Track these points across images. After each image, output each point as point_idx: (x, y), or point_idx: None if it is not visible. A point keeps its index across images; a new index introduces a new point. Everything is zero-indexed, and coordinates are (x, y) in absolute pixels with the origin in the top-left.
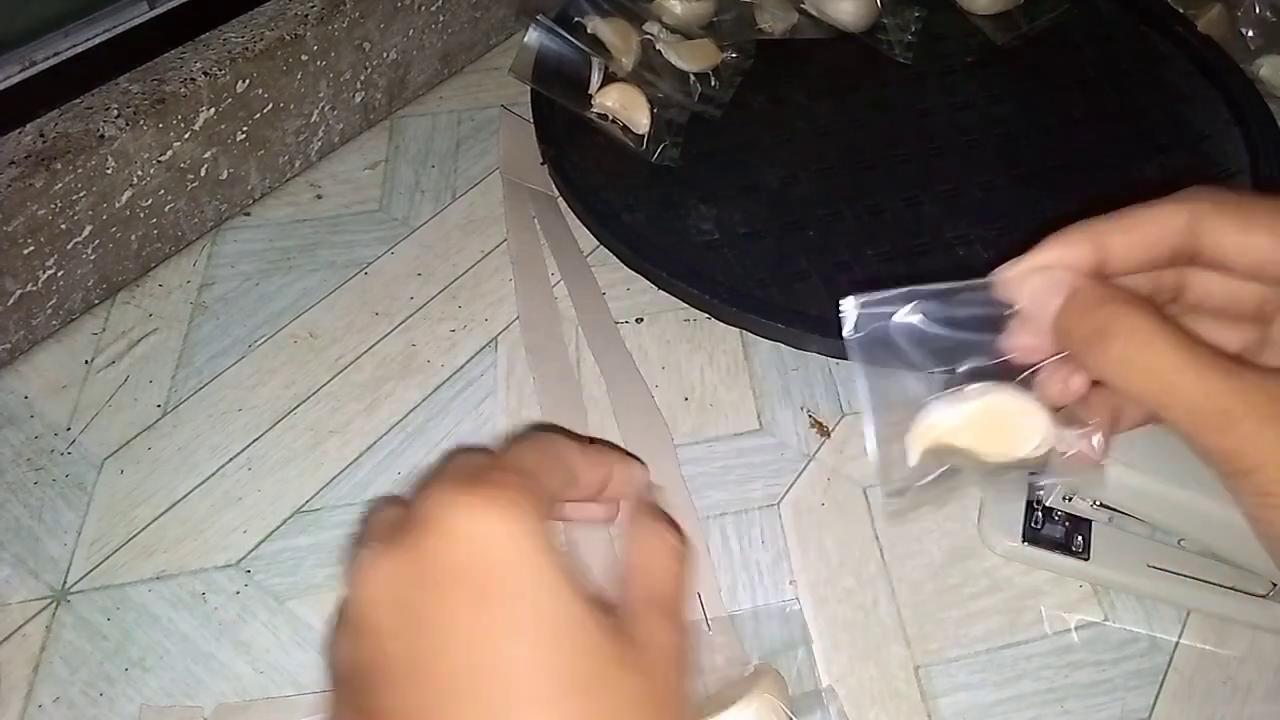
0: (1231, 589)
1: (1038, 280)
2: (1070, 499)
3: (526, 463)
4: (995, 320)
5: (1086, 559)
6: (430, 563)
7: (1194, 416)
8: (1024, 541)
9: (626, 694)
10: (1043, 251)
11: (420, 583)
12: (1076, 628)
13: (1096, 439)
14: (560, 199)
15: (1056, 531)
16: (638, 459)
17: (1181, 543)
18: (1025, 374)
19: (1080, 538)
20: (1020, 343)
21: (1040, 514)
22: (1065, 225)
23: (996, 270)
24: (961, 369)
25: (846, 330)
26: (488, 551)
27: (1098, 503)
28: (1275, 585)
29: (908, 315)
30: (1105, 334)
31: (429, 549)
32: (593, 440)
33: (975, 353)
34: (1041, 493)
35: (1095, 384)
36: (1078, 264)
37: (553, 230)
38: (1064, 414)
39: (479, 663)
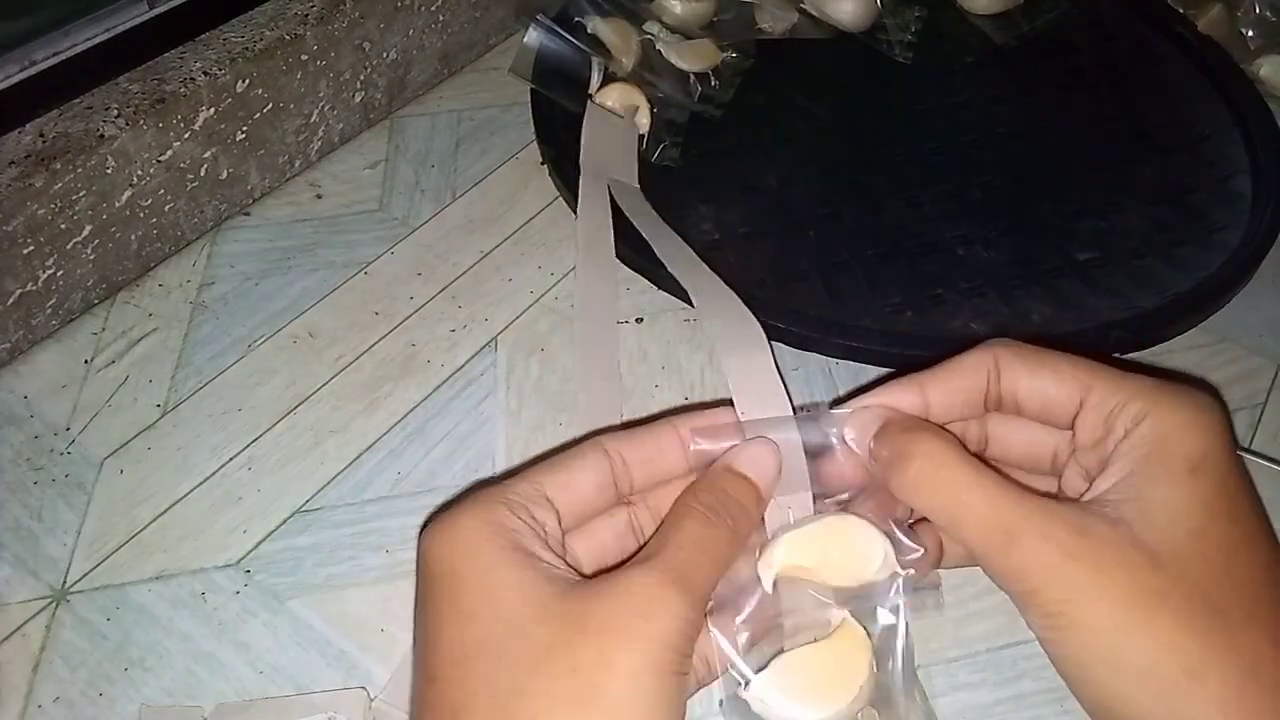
0: None
1: (862, 415)
2: None
3: (526, 471)
4: (824, 450)
5: None
6: (417, 587)
7: (981, 534)
8: None
9: (533, 643)
10: (874, 397)
11: (416, 603)
12: None
13: (928, 561)
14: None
15: None
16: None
17: None
18: (842, 500)
19: None
20: (840, 470)
21: None
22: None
23: (830, 407)
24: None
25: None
26: (426, 568)
27: None
28: None
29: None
30: (905, 455)
31: (417, 580)
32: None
33: (799, 482)
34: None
35: (920, 520)
36: (903, 409)
37: (642, 219)
38: (900, 539)
39: (424, 651)
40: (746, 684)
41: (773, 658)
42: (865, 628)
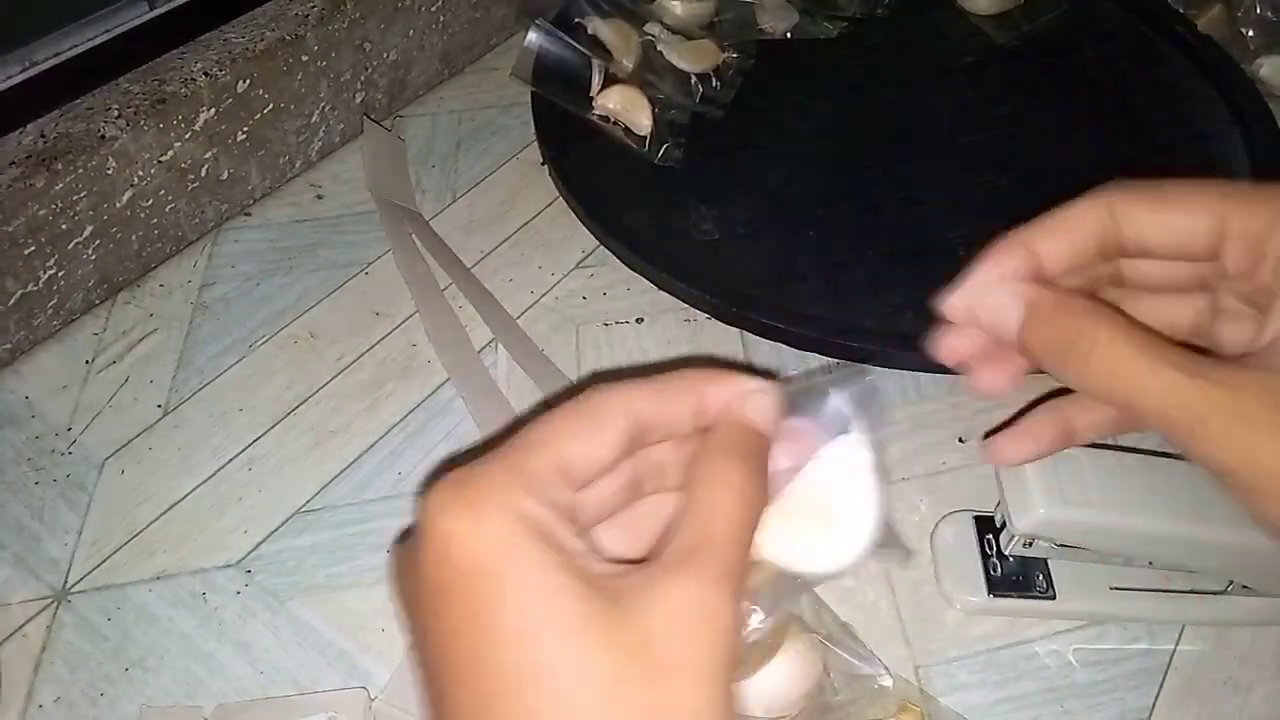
0: (1192, 592)
1: (993, 299)
2: (1031, 544)
3: (539, 439)
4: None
5: (1053, 597)
6: (417, 565)
7: (1165, 420)
8: (989, 594)
9: (601, 673)
10: (982, 270)
11: (413, 581)
12: (1076, 628)
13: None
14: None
15: (1016, 576)
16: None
17: (1137, 563)
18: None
19: (1041, 576)
20: (952, 345)
21: (997, 561)
22: None
23: (944, 301)
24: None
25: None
26: (447, 554)
27: (1057, 544)
28: (1231, 582)
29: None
30: (1074, 345)
31: (418, 554)
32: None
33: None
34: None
35: (1038, 402)
36: (1015, 275)
37: (432, 245)
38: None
39: (449, 661)
40: None
41: None
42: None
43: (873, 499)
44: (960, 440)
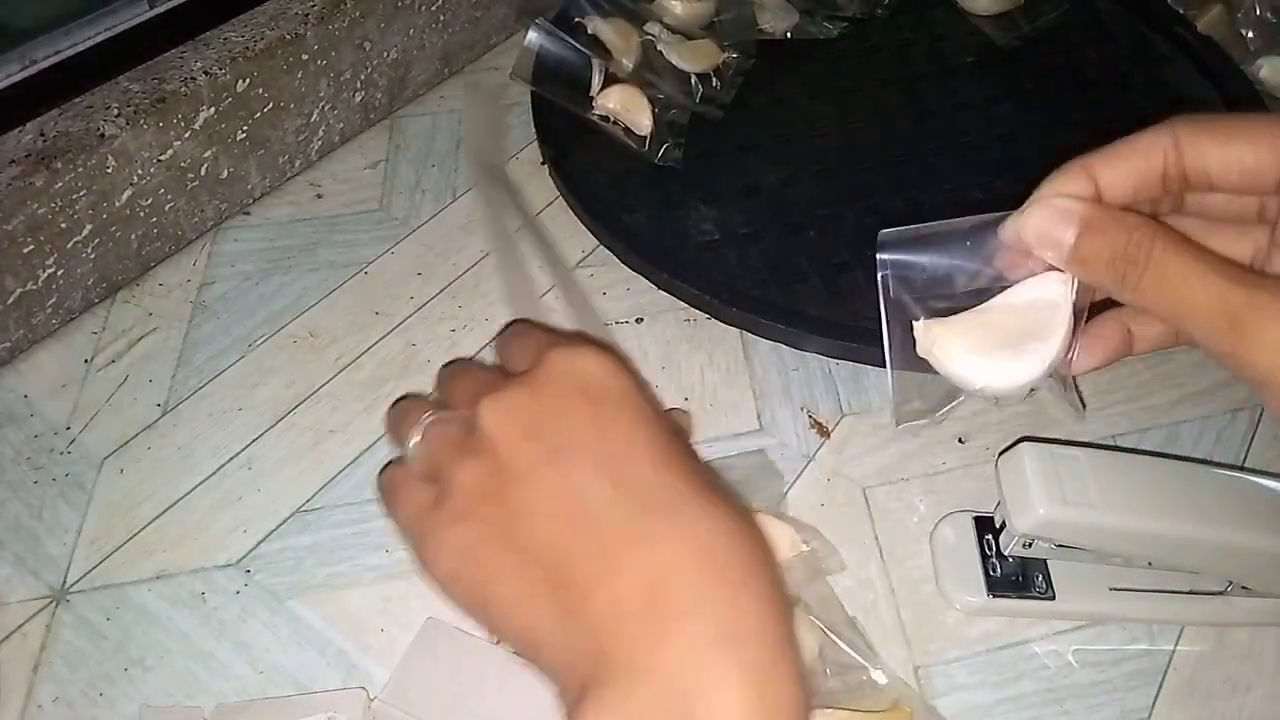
0: (1191, 593)
1: (1045, 212)
2: (1030, 545)
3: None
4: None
5: (1053, 598)
6: (551, 394)
7: (1208, 325)
8: (988, 594)
9: (705, 472)
10: (1043, 190)
11: (542, 410)
12: (1076, 628)
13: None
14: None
15: (1016, 576)
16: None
17: (1138, 563)
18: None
19: (1040, 576)
20: (1011, 260)
21: (996, 562)
22: None
23: (1003, 228)
24: (961, 291)
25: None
26: (598, 379)
27: (1057, 545)
28: (1230, 582)
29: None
30: (1128, 257)
31: (550, 386)
32: None
33: (975, 280)
34: (998, 542)
35: (1096, 308)
36: (1078, 196)
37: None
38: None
39: (605, 447)
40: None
41: None
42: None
43: (1061, 334)
44: (960, 440)
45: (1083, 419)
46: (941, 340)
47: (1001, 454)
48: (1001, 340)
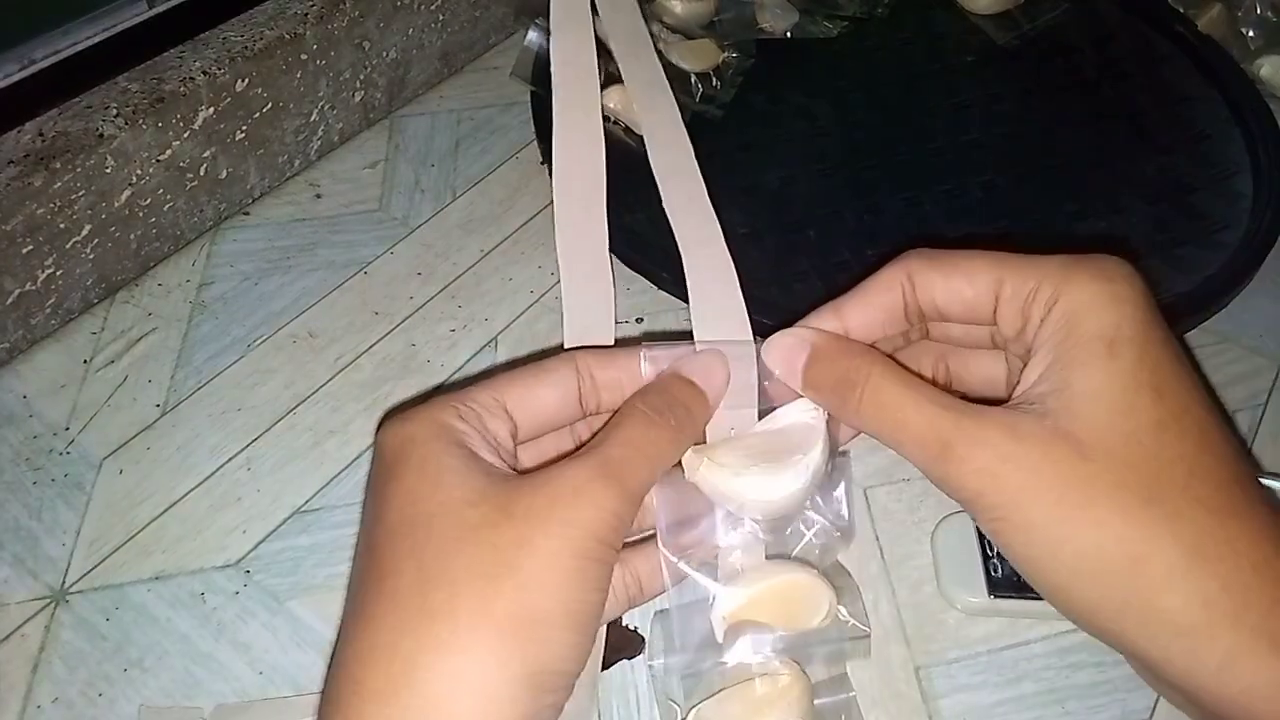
0: None
1: (785, 340)
2: None
3: (486, 380)
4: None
5: None
6: (369, 475)
7: (920, 448)
8: (990, 594)
9: (460, 523)
10: (796, 328)
11: (367, 489)
12: (1078, 629)
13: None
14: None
15: (1018, 576)
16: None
17: None
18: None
19: None
20: (772, 390)
21: (997, 562)
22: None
23: (763, 351)
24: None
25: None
26: (382, 457)
27: None
28: None
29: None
30: (849, 382)
31: (371, 466)
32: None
33: (748, 398)
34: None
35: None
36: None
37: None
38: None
39: (379, 521)
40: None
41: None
42: (805, 673)
43: (820, 445)
44: None
45: (849, 544)
46: (707, 463)
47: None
48: (764, 457)
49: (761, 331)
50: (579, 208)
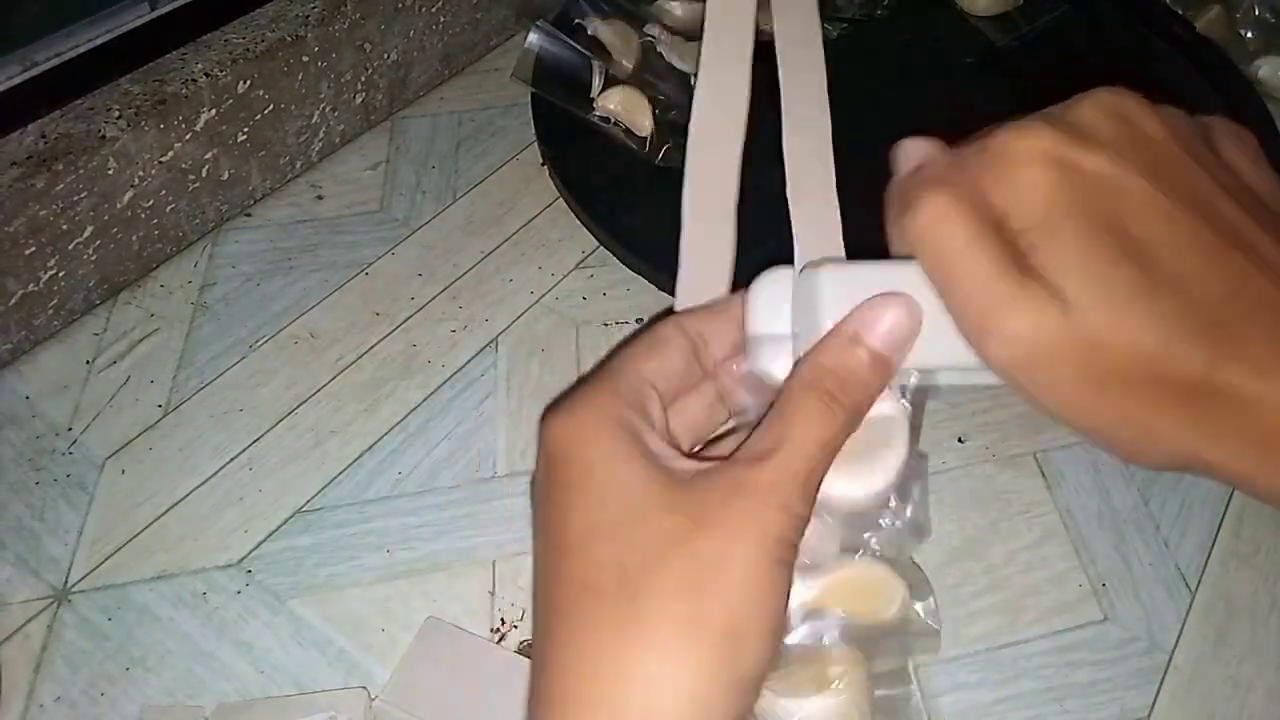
0: None
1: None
2: None
3: (619, 362)
4: None
5: None
6: (541, 470)
7: (963, 303)
8: None
9: (659, 530)
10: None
11: (541, 483)
12: (1076, 627)
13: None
14: None
15: None
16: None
17: None
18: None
19: None
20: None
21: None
22: None
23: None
24: None
25: None
26: (553, 449)
27: None
28: None
29: None
30: (910, 205)
31: (539, 464)
32: None
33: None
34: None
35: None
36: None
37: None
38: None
39: (545, 531)
40: None
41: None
42: (868, 661)
43: (904, 439)
44: (960, 440)
45: (923, 541)
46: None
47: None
48: (851, 456)
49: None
50: (714, 158)
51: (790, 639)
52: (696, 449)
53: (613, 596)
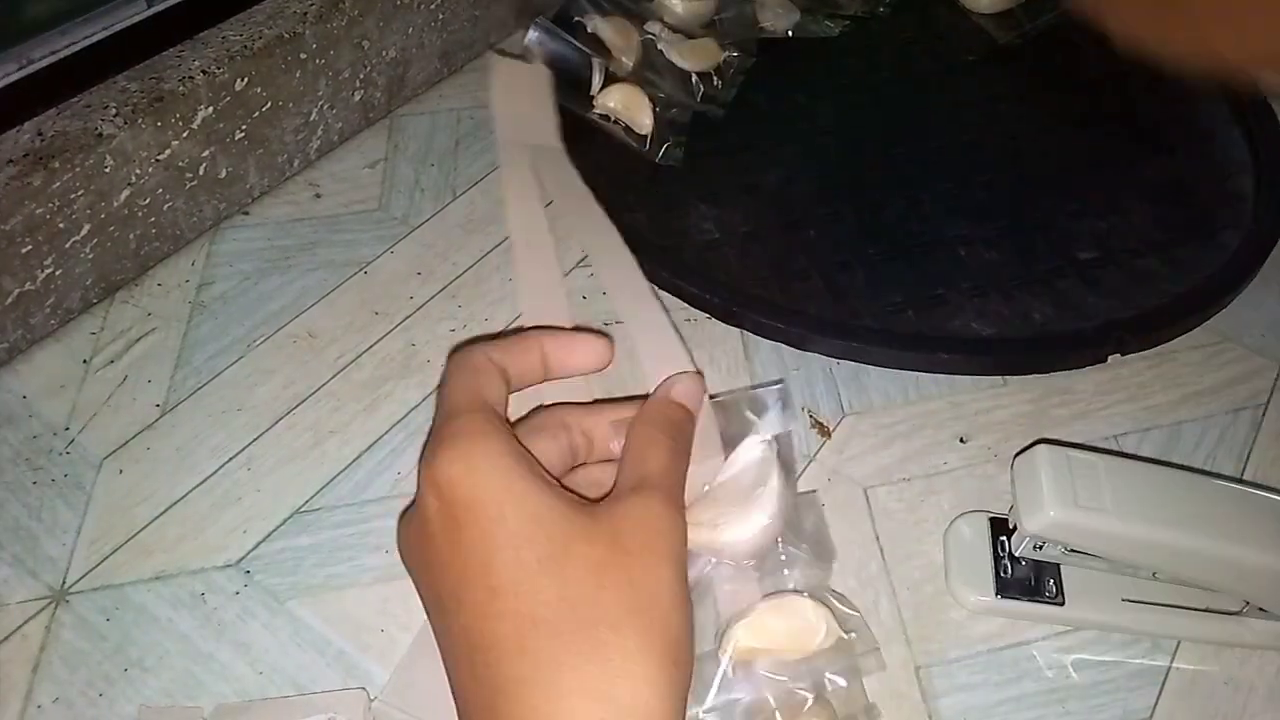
0: (1206, 610)
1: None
2: (1041, 548)
3: (464, 399)
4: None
5: (1062, 603)
6: (420, 522)
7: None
8: (997, 595)
9: (588, 561)
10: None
11: (419, 538)
12: (1078, 628)
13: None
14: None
15: (1027, 580)
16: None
17: (1155, 575)
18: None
19: (1052, 581)
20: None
21: (1009, 563)
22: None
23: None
24: None
25: None
26: (452, 495)
27: (1068, 549)
28: (1247, 602)
29: None
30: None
31: (419, 513)
32: None
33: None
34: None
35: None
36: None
37: (568, 193)
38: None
39: (462, 577)
40: None
41: None
42: (817, 693)
43: (775, 484)
44: (961, 440)
45: (830, 565)
46: (690, 527)
47: (1018, 455)
48: (731, 503)
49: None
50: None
51: (736, 692)
52: None
53: (568, 629)
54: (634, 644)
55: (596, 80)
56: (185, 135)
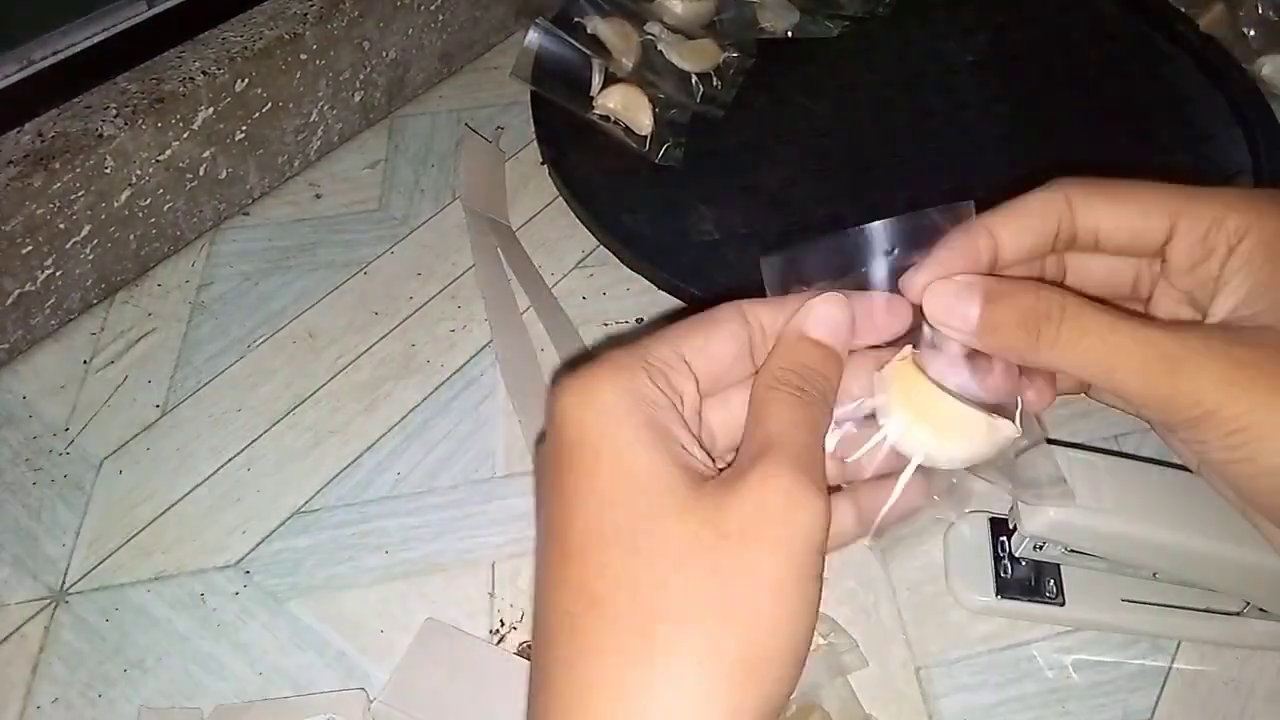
0: (1206, 610)
1: (946, 290)
2: (1041, 547)
3: (661, 334)
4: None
5: (1062, 604)
6: (548, 448)
7: (1140, 372)
8: (997, 595)
9: (671, 539)
10: (943, 253)
11: (538, 467)
12: (1078, 628)
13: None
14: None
15: (1027, 580)
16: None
17: (1156, 575)
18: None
19: (1052, 582)
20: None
21: (1009, 564)
22: None
23: (905, 281)
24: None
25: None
26: (562, 431)
27: (1068, 549)
28: (1247, 603)
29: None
30: (1039, 316)
31: (548, 439)
32: None
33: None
34: (1009, 543)
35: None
36: (976, 258)
37: (518, 264)
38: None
39: (549, 526)
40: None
41: None
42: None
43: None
44: None
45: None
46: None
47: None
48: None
49: None
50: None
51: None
52: (730, 456)
53: (625, 618)
54: (697, 649)
55: (596, 81)
56: (185, 136)
